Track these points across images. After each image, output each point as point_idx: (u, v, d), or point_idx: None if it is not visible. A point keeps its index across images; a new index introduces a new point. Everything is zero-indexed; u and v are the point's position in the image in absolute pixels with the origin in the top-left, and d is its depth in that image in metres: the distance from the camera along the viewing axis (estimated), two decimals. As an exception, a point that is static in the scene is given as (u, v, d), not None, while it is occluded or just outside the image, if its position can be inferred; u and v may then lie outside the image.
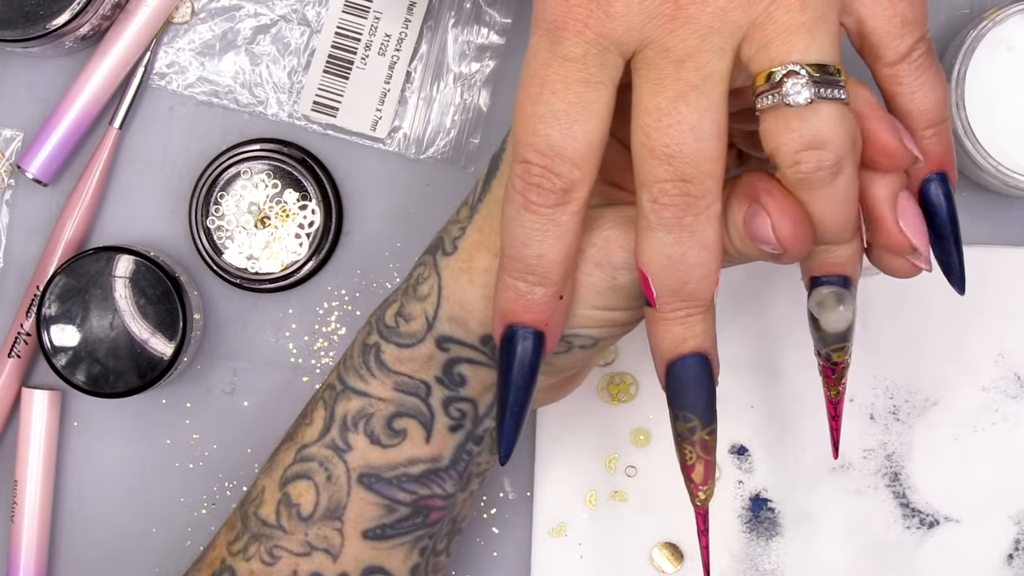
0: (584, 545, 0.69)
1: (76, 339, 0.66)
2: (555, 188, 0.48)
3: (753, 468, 0.69)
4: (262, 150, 0.69)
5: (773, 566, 0.68)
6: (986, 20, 0.64)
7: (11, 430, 0.70)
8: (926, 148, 0.51)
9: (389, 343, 0.56)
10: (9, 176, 0.70)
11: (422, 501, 0.57)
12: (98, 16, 0.66)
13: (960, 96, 0.64)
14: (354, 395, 0.57)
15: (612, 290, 0.52)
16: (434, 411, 0.56)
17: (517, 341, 0.51)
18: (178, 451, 0.70)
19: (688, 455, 0.50)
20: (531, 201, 0.49)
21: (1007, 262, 0.68)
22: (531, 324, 0.50)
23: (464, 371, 0.56)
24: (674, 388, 0.50)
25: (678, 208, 0.47)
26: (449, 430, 0.56)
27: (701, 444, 0.50)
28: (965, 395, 0.68)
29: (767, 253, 0.49)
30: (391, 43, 0.69)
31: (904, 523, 0.68)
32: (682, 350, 0.49)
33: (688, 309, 0.49)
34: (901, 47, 0.50)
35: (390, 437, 0.56)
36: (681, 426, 0.50)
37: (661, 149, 0.47)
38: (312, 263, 0.69)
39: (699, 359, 0.49)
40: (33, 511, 0.68)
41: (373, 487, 0.56)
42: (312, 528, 0.56)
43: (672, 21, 0.46)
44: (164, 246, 0.70)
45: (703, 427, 0.50)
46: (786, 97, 0.46)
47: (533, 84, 0.48)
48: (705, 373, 0.50)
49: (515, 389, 0.51)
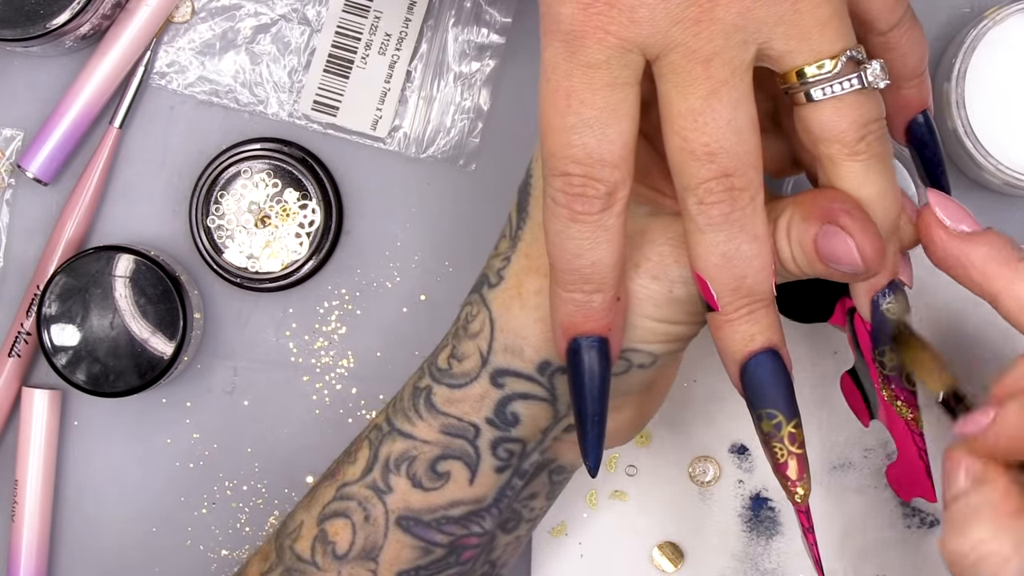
0: (584, 545, 0.69)
1: (76, 338, 0.66)
2: (599, 194, 0.48)
3: (753, 467, 0.69)
4: (262, 149, 0.69)
5: (773, 566, 0.68)
6: (986, 19, 0.64)
7: (11, 430, 0.70)
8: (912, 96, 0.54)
9: (441, 384, 0.55)
10: (9, 175, 0.70)
11: (459, 541, 0.56)
12: (98, 15, 0.67)
13: (960, 95, 0.64)
14: (400, 437, 0.56)
15: (670, 303, 0.51)
16: (481, 453, 0.55)
17: (583, 352, 0.50)
18: (178, 451, 0.70)
19: (779, 453, 0.50)
20: (577, 211, 0.48)
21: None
22: (594, 332, 0.50)
23: (518, 409, 0.55)
24: (752, 388, 0.49)
25: (725, 205, 0.47)
26: (496, 471, 0.56)
27: (789, 438, 0.50)
28: (965, 395, 0.68)
29: (833, 271, 0.49)
30: (391, 42, 0.69)
31: (904, 523, 0.68)
32: (752, 348, 0.49)
33: (750, 305, 0.49)
34: (892, 18, 0.51)
35: (432, 480, 0.55)
36: (766, 425, 0.50)
37: (701, 149, 0.47)
38: (312, 262, 0.69)
39: (771, 354, 0.49)
40: (33, 511, 0.68)
41: (411, 530, 0.55)
42: (346, 567, 0.56)
43: (697, 24, 0.46)
44: (164, 245, 0.70)
45: (788, 421, 0.50)
46: (875, 82, 0.48)
47: (559, 97, 0.48)
48: (779, 366, 0.49)
49: (590, 401, 0.50)
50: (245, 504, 0.70)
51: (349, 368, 0.70)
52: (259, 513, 0.70)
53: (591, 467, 0.51)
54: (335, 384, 0.70)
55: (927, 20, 0.69)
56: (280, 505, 0.70)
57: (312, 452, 0.70)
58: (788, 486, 0.50)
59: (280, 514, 0.70)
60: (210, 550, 0.70)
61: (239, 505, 0.70)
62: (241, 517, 0.70)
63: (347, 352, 0.70)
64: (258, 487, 0.70)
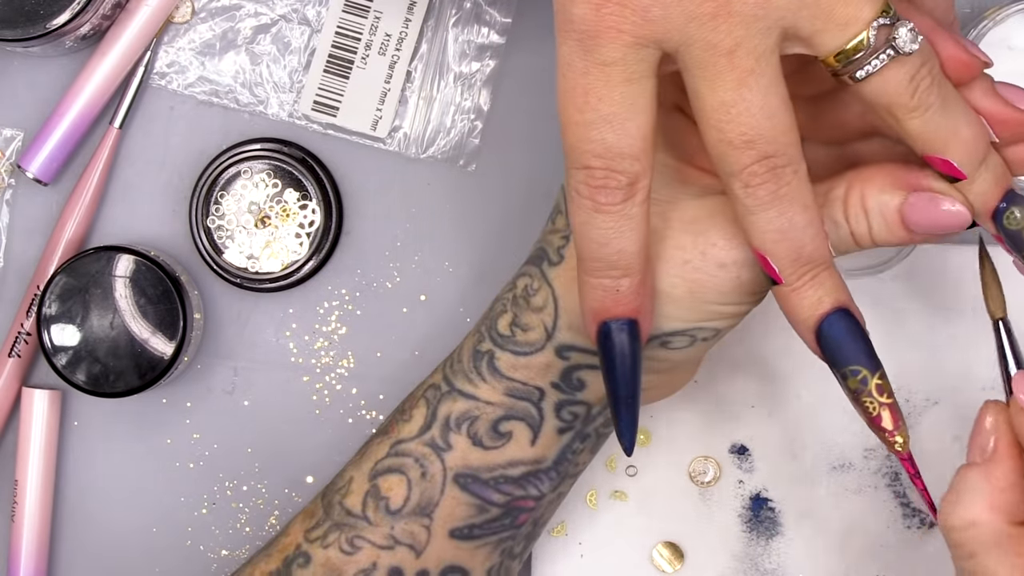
0: (584, 544, 0.69)
1: (76, 339, 0.66)
2: (621, 185, 0.49)
3: (753, 468, 0.69)
4: (262, 150, 0.68)
5: (773, 566, 0.68)
6: (986, 20, 0.64)
7: (11, 430, 0.70)
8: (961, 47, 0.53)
9: (504, 351, 0.56)
10: (9, 176, 0.70)
11: (515, 502, 0.57)
12: (98, 15, 0.66)
13: (960, 96, 0.64)
14: (461, 397, 0.57)
15: (737, 288, 0.53)
16: (544, 414, 0.56)
17: (614, 335, 0.51)
18: (178, 451, 0.70)
19: (871, 406, 0.51)
20: (600, 203, 0.49)
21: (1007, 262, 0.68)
22: (624, 315, 0.51)
23: (584, 376, 0.56)
24: (831, 348, 0.50)
25: (771, 184, 0.48)
26: (558, 432, 0.57)
27: (877, 390, 0.51)
28: (966, 395, 0.68)
29: (909, 237, 0.51)
30: (391, 43, 0.69)
31: (904, 523, 0.68)
32: (822, 310, 0.50)
33: (813, 271, 0.50)
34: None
35: (494, 439, 0.56)
36: (852, 382, 0.51)
37: (739, 139, 0.48)
38: (312, 263, 0.69)
39: (842, 312, 0.50)
40: (33, 511, 0.68)
41: (469, 487, 0.56)
42: (399, 522, 0.56)
43: (715, 19, 0.47)
44: (164, 246, 0.70)
45: (873, 374, 0.50)
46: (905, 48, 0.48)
47: (576, 94, 0.48)
48: (853, 323, 0.50)
49: (623, 382, 0.52)
50: (245, 504, 0.70)
51: (349, 368, 0.70)
52: (259, 513, 0.70)
53: (626, 447, 0.52)
54: (335, 384, 0.70)
55: (927, 20, 0.69)
56: (280, 505, 0.70)
57: (312, 452, 0.70)
58: (886, 437, 0.51)
59: (280, 514, 0.70)
60: (210, 550, 0.70)
61: (239, 505, 0.70)
62: (241, 517, 0.70)
63: (347, 352, 0.70)
64: (258, 487, 0.70)
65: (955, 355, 0.68)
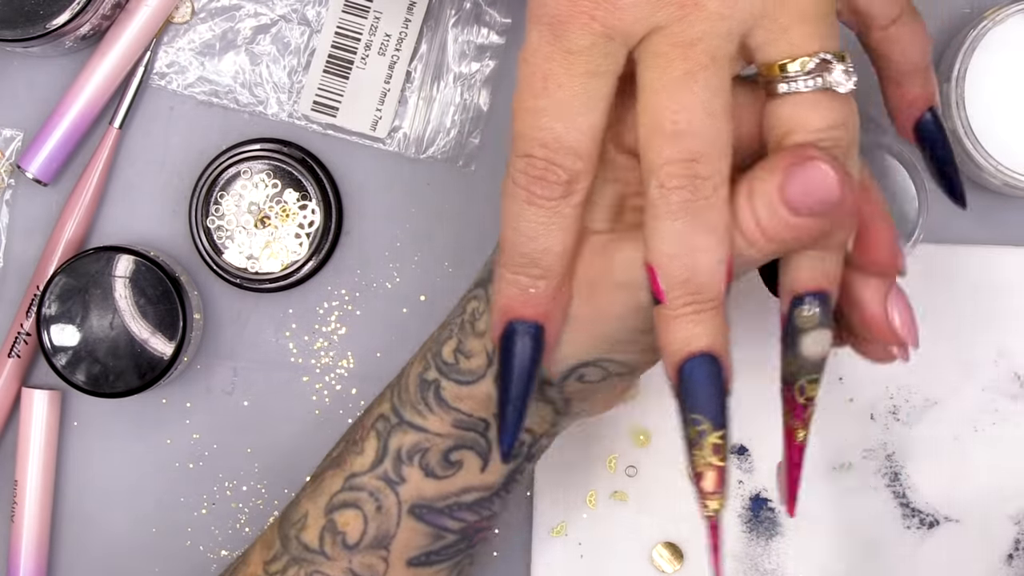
0: (584, 545, 0.69)
1: (76, 339, 0.66)
2: (560, 180, 0.48)
3: (753, 468, 0.69)
4: (262, 150, 0.69)
5: (773, 566, 0.68)
6: (986, 20, 0.64)
7: (11, 430, 0.70)
8: (918, 93, 0.55)
9: (449, 380, 0.55)
10: (9, 176, 0.70)
11: (471, 526, 0.56)
12: (98, 16, 0.66)
13: (960, 96, 0.64)
14: (411, 429, 0.56)
15: (636, 311, 0.50)
16: (492, 444, 0.55)
17: (518, 337, 0.50)
18: (178, 451, 0.70)
19: (698, 461, 0.48)
20: (535, 195, 0.48)
21: (1007, 262, 0.68)
22: (532, 319, 0.50)
23: None
24: (686, 390, 0.48)
25: (686, 191, 0.47)
26: None
27: (712, 448, 0.48)
28: (965, 395, 0.68)
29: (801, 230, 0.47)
30: (391, 43, 0.69)
31: (904, 523, 0.68)
32: (692, 349, 0.47)
33: (698, 304, 0.47)
34: (892, 12, 0.53)
35: (445, 469, 0.55)
36: (692, 431, 0.48)
37: (670, 126, 0.46)
38: (312, 263, 0.69)
39: (710, 358, 0.48)
40: (33, 511, 0.68)
41: (424, 517, 0.56)
42: (357, 556, 0.56)
43: (682, 8, 0.46)
44: (164, 246, 0.70)
45: (714, 429, 0.48)
46: (835, 85, 0.47)
47: (535, 79, 0.48)
48: (716, 373, 0.48)
49: (517, 386, 0.50)
50: (245, 504, 0.70)
51: (349, 368, 0.70)
52: (259, 513, 0.70)
53: (504, 451, 0.51)
54: (335, 384, 0.70)
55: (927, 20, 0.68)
56: (280, 505, 0.70)
57: (312, 452, 0.70)
58: (701, 497, 0.48)
59: (280, 514, 0.70)
60: (210, 550, 0.70)
61: (239, 505, 0.70)
62: (241, 517, 0.70)
63: (347, 352, 0.70)
64: (258, 487, 0.70)
65: (955, 355, 0.68)
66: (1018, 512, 0.68)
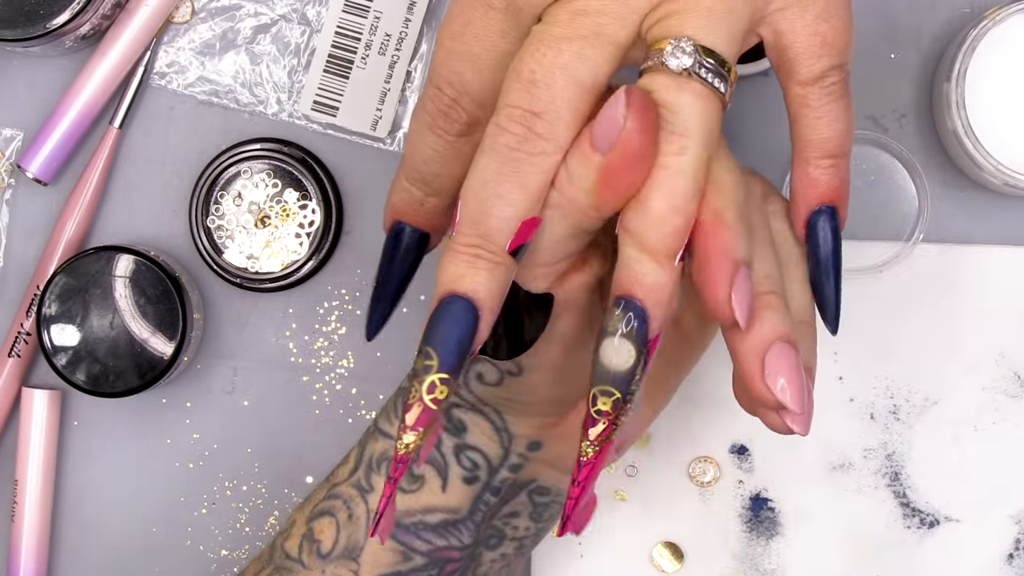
0: (584, 545, 0.69)
1: (76, 339, 0.66)
2: (460, 120, 0.50)
3: (753, 468, 0.69)
4: (262, 150, 0.69)
5: (773, 566, 0.68)
6: (986, 20, 0.64)
7: (11, 430, 0.70)
8: (818, 178, 0.50)
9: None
10: (9, 176, 0.70)
11: (438, 552, 0.56)
12: (98, 15, 0.66)
13: (960, 96, 0.64)
14: (381, 436, 0.57)
15: None
16: (447, 459, 0.56)
17: (405, 236, 0.53)
18: (178, 451, 0.70)
19: (413, 393, 0.46)
20: (438, 125, 0.51)
21: (1007, 262, 0.68)
22: (419, 227, 0.53)
23: (463, 416, 0.55)
24: (432, 319, 0.47)
25: (514, 139, 0.46)
26: (464, 481, 0.56)
27: (430, 386, 0.46)
28: (965, 395, 0.68)
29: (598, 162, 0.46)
30: (391, 42, 0.69)
31: (904, 523, 0.68)
32: (456, 288, 0.46)
33: (480, 249, 0.46)
34: (816, 67, 0.49)
35: (409, 482, 0.56)
36: (420, 361, 0.46)
37: (527, 74, 0.46)
38: (312, 263, 0.69)
39: (467, 303, 0.46)
40: (33, 511, 0.68)
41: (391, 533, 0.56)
42: (329, 566, 0.56)
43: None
44: (164, 246, 0.70)
45: (440, 370, 0.46)
46: (665, 59, 0.46)
47: (457, 22, 0.50)
48: (468, 319, 0.46)
49: (391, 277, 0.53)
50: (245, 504, 0.70)
51: (349, 368, 0.70)
52: (259, 513, 0.70)
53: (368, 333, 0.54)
54: (335, 384, 0.70)
55: (927, 20, 0.69)
56: (280, 505, 0.70)
57: (312, 452, 0.70)
58: (399, 429, 0.46)
59: (280, 514, 0.70)
60: (210, 550, 0.70)
61: (239, 505, 0.70)
62: (241, 517, 0.70)
63: (347, 352, 0.70)
64: (258, 487, 0.70)
65: (955, 355, 0.68)
66: (1018, 512, 0.68)
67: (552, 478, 0.58)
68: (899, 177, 0.68)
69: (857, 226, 0.68)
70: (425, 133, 0.51)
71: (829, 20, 0.49)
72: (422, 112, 0.51)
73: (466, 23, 0.49)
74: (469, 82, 0.50)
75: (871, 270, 0.67)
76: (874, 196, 0.68)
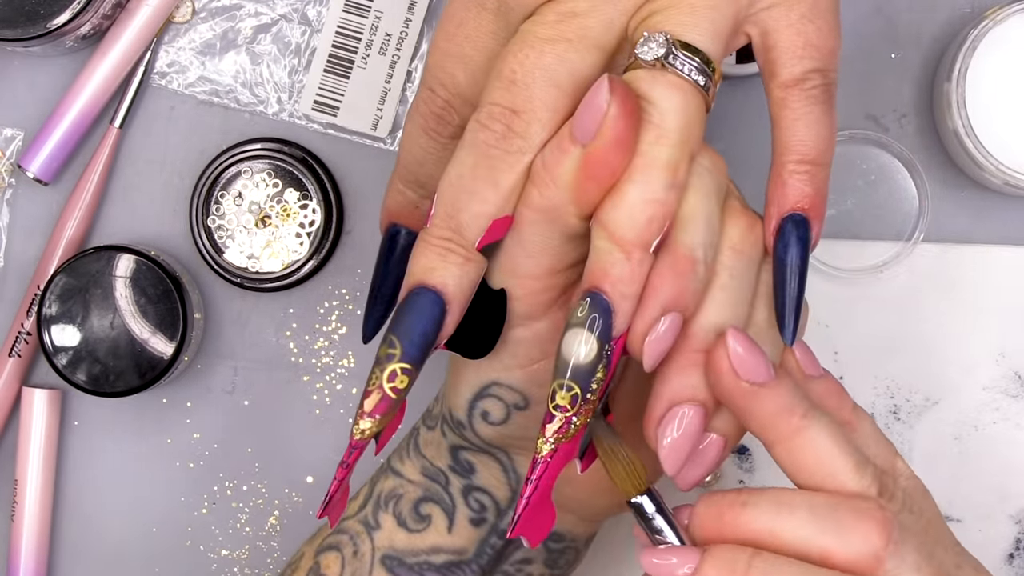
0: (585, 545, 0.69)
1: (76, 339, 0.66)
2: (453, 123, 0.50)
3: (754, 468, 0.69)
4: (263, 149, 0.69)
5: (773, 566, 0.68)
6: (986, 19, 0.64)
7: (11, 430, 0.70)
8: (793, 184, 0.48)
9: (423, 425, 0.56)
10: (10, 175, 0.70)
11: None
12: (99, 15, 0.67)
13: (960, 95, 0.64)
14: (392, 474, 0.56)
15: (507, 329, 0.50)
16: (455, 500, 0.55)
17: (400, 239, 0.54)
18: (178, 451, 0.70)
19: (372, 380, 0.46)
20: (430, 127, 0.51)
21: (1007, 262, 0.68)
22: (414, 228, 0.54)
23: (470, 458, 0.55)
24: (400, 309, 0.46)
25: (494, 136, 0.46)
26: (471, 523, 0.55)
27: (391, 375, 0.46)
28: (966, 395, 0.68)
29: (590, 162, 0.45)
30: (392, 42, 0.69)
31: (904, 523, 0.68)
32: (425, 280, 0.46)
33: (451, 243, 0.46)
34: (797, 69, 0.48)
35: (416, 521, 0.55)
36: (383, 349, 0.46)
37: (508, 73, 0.47)
38: (313, 262, 0.69)
39: (436, 296, 0.46)
40: (33, 511, 0.68)
41: (395, 570, 0.55)
42: None
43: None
44: (164, 245, 0.70)
45: (402, 360, 0.46)
46: (637, 50, 0.46)
47: (452, 23, 0.50)
48: (435, 314, 0.46)
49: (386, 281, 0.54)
50: (245, 504, 0.70)
51: (349, 368, 0.70)
52: (259, 513, 0.70)
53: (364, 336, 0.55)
54: (335, 384, 0.70)
55: (927, 20, 0.69)
56: (280, 505, 0.70)
57: (312, 452, 0.70)
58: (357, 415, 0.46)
59: (280, 514, 0.70)
60: (210, 550, 0.70)
61: (239, 505, 0.70)
62: (241, 517, 0.70)
63: (347, 352, 0.70)
64: (258, 487, 0.70)
65: (955, 355, 0.68)
66: (1019, 511, 0.68)
67: (566, 523, 0.56)
68: (899, 177, 0.68)
69: (857, 226, 0.68)
70: (418, 135, 0.51)
71: (814, 21, 0.48)
72: (415, 114, 0.51)
73: (459, 24, 0.50)
74: (462, 84, 0.50)
75: (871, 270, 0.67)
76: (874, 196, 0.68)
